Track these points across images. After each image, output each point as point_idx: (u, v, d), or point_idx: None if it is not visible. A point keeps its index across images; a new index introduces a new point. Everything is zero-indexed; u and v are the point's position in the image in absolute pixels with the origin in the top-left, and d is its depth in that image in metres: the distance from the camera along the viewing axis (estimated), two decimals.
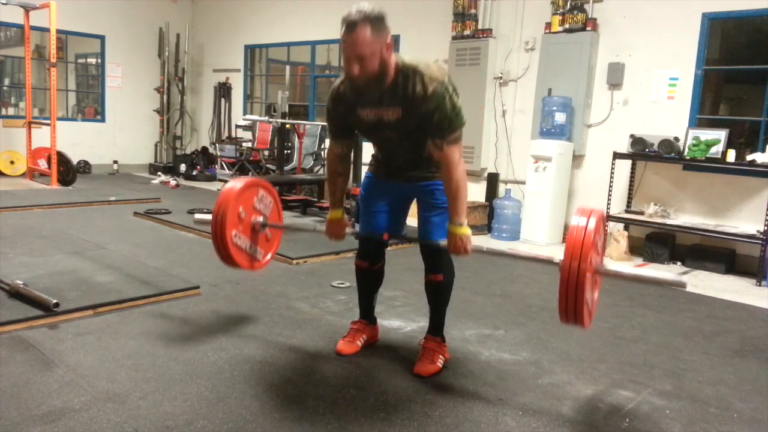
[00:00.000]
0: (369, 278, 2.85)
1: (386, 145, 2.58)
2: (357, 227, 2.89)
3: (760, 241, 4.79)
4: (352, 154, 2.69)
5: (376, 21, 2.18)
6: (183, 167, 9.61)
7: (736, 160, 4.98)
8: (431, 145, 2.36)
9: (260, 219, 2.97)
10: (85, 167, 9.54)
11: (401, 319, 3.36)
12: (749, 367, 3.01)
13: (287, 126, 7.04)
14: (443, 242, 2.46)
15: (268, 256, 3.08)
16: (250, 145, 8.88)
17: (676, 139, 5.29)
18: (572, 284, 2.13)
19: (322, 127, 7.84)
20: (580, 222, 2.20)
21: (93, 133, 9.84)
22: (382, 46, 2.20)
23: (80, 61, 10.82)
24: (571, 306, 2.16)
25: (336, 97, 2.47)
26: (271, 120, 7.06)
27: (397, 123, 2.38)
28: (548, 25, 6.11)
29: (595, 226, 2.19)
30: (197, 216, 3.15)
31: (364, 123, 2.47)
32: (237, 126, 9.34)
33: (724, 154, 5.04)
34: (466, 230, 2.39)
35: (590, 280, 2.20)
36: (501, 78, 6.61)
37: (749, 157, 4.91)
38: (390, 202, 2.71)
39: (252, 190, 2.95)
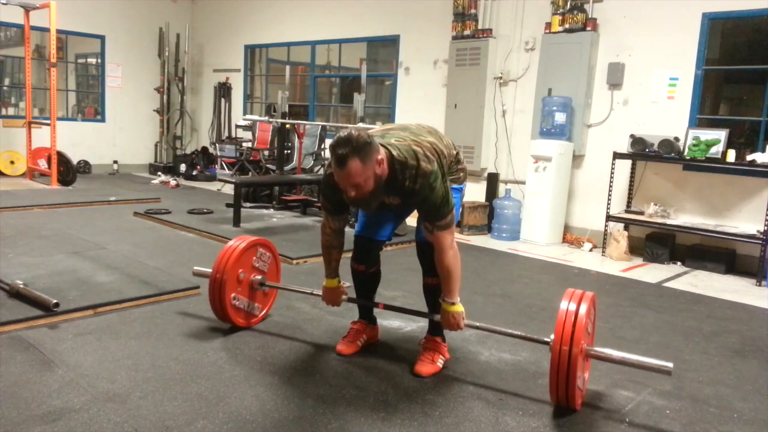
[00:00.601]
0: (366, 281, 2.88)
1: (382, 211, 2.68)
2: (355, 227, 2.89)
3: (760, 241, 4.79)
4: (345, 228, 2.73)
5: (364, 149, 2.20)
6: (183, 167, 9.61)
7: (736, 160, 4.98)
8: (423, 227, 2.47)
9: (259, 278, 3.07)
10: (85, 167, 9.54)
11: (401, 319, 3.36)
12: (749, 367, 3.01)
13: (287, 126, 7.04)
14: (437, 317, 2.58)
15: (264, 311, 3.20)
16: (250, 145, 8.88)
17: (676, 139, 5.29)
18: (563, 368, 2.20)
19: (322, 127, 7.84)
20: (570, 306, 2.27)
21: (93, 133, 9.84)
22: (373, 168, 2.25)
23: (80, 61, 10.82)
24: (563, 388, 2.25)
25: (333, 185, 2.40)
26: (271, 120, 7.06)
27: (397, 207, 2.56)
28: (548, 25, 6.11)
29: (586, 310, 2.27)
30: (196, 269, 3.18)
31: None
32: (237, 126, 9.34)
33: (724, 154, 5.04)
34: (458, 308, 2.50)
35: (581, 363, 2.27)
36: (501, 78, 6.61)
37: (749, 157, 4.91)
38: (384, 210, 2.70)
39: (251, 250, 3.04)
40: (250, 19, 9.77)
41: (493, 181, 6.68)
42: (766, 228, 4.77)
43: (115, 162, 9.96)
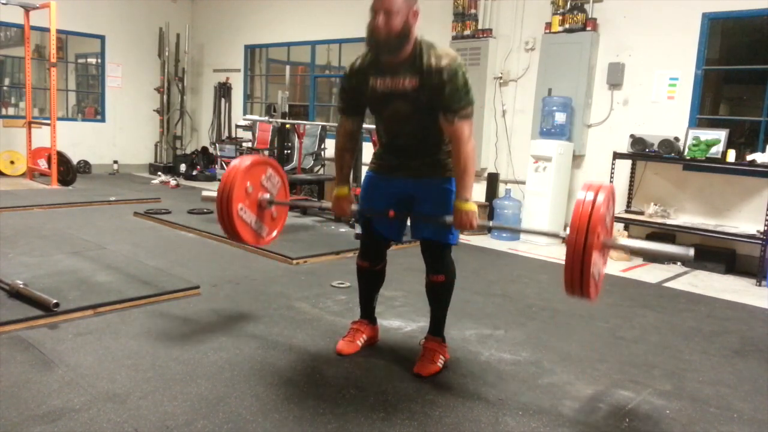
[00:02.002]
0: (370, 278, 2.86)
1: (393, 122, 2.56)
2: (358, 228, 2.88)
3: (760, 241, 4.79)
4: (360, 132, 2.74)
5: None
6: (183, 167, 9.62)
7: (736, 160, 4.98)
8: (442, 119, 2.42)
9: (267, 196, 2.97)
10: (85, 167, 9.54)
11: (401, 319, 3.36)
12: (749, 367, 3.01)
13: (287, 126, 7.04)
14: (449, 218, 2.48)
15: (274, 233, 3.08)
16: (250, 145, 8.87)
17: (676, 139, 5.29)
18: (578, 258, 2.10)
19: (322, 127, 7.84)
20: (587, 196, 2.17)
21: (93, 133, 9.84)
22: (409, 10, 2.36)
23: (80, 61, 10.82)
24: (577, 278, 2.13)
25: (352, 70, 2.55)
26: (271, 120, 7.05)
27: (411, 93, 2.43)
28: (548, 25, 6.11)
29: (604, 200, 2.16)
30: (205, 193, 3.13)
31: (376, 93, 2.51)
32: (237, 126, 9.34)
33: (724, 154, 5.04)
34: (472, 206, 2.43)
35: (598, 254, 2.17)
36: (501, 78, 6.61)
37: (749, 157, 4.91)
38: (390, 202, 2.69)
39: (261, 167, 2.95)
40: (250, 19, 9.77)
41: (493, 181, 6.68)
42: (766, 228, 4.77)
43: (115, 162, 9.96)
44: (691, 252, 2.18)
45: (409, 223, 2.71)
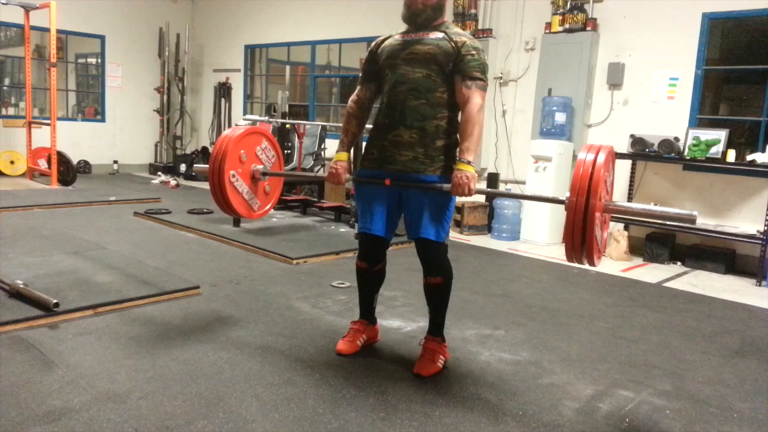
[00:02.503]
0: (369, 279, 2.85)
1: (398, 84, 2.54)
2: (359, 225, 2.88)
3: (760, 241, 4.79)
4: (371, 104, 2.77)
5: None
6: (183, 167, 9.61)
7: (736, 160, 4.98)
8: (459, 83, 2.48)
9: (261, 167, 2.94)
10: (85, 167, 9.54)
11: (401, 319, 3.36)
12: (749, 367, 3.01)
13: (287, 126, 7.04)
14: (447, 186, 2.44)
15: (267, 207, 3.06)
16: None
17: (676, 139, 5.29)
18: (579, 221, 2.05)
19: (322, 127, 7.83)
20: (588, 157, 2.11)
21: (93, 133, 9.84)
22: None
23: (80, 61, 10.82)
24: (578, 243, 2.09)
25: (379, 40, 2.68)
26: (271, 120, 7.05)
27: (435, 40, 2.51)
28: (548, 25, 6.11)
29: (604, 160, 2.10)
30: (197, 166, 3.12)
31: (398, 42, 2.58)
32: (237, 126, 9.33)
33: (724, 154, 5.04)
34: (472, 168, 2.43)
35: (599, 217, 2.13)
36: (501, 78, 6.61)
37: (749, 157, 4.91)
38: (384, 198, 2.67)
39: (256, 137, 2.93)
40: (250, 19, 9.77)
41: (493, 181, 6.68)
42: (766, 228, 4.77)
43: (115, 162, 9.96)
44: (695, 213, 2.13)
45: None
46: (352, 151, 2.82)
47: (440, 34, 2.52)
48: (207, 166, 2.86)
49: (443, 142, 2.54)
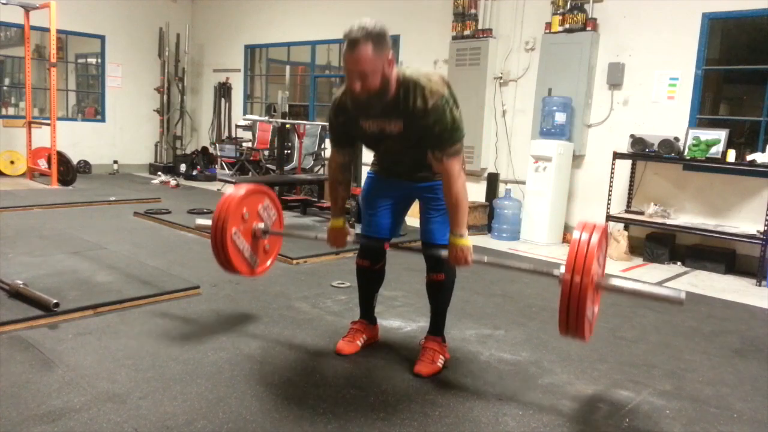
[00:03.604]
0: (370, 277, 2.85)
1: (389, 154, 2.61)
2: (358, 228, 2.88)
3: (760, 241, 4.79)
4: (352, 164, 2.71)
5: (378, 38, 2.20)
6: (183, 167, 9.61)
7: (736, 160, 4.98)
8: (431, 157, 2.39)
9: (262, 225, 2.97)
10: (85, 167, 9.54)
11: (401, 319, 3.36)
12: (749, 367, 3.01)
13: (287, 126, 7.04)
14: (444, 252, 2.48)
15: (267, 263, 3.09)
16: (250, 145, 8.88)
17: (676, 139, 5.29)
18: (574, 299, 2.11)
19: (323, 127, 7.84)
20: (582, 236, 2.17)
21: (93, 133, 9.84)
22: (383, 63, 2.23)
23: (80, 61, 10.81)
24: (573, 320, 2.15)
25: (338, 108, 2.48)
26: (271, 120, 7.06)
27: (399, 135, 2.41)
28: (548, 25, 6.11)
29: (598, 240, 2.17)
30: (199, 221, 3.13)
31: (366, 134, 2.49)
32: (237, 126, 9.33)
33: (724, 154, 5.04)
34: (466, 241, 2.40)
35: (592, 295, 2.19)
36: (501, 78, 6.61)
37: (749, 157, 4.91)
38: (393, 202, 2.72)
39: (258, 196, 2.96)
40: (250, 19, 9.77)
41: (493, 181, 6.68)
42: (766, 228, 4.77)
43: (115, 162, 9.95)
44: (683, 295, 2.20)
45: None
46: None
47: (401, 125, 2.36)
48: (209, 222, 2.90)
49: None
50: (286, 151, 7.26)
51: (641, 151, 5.41)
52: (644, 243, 5.53)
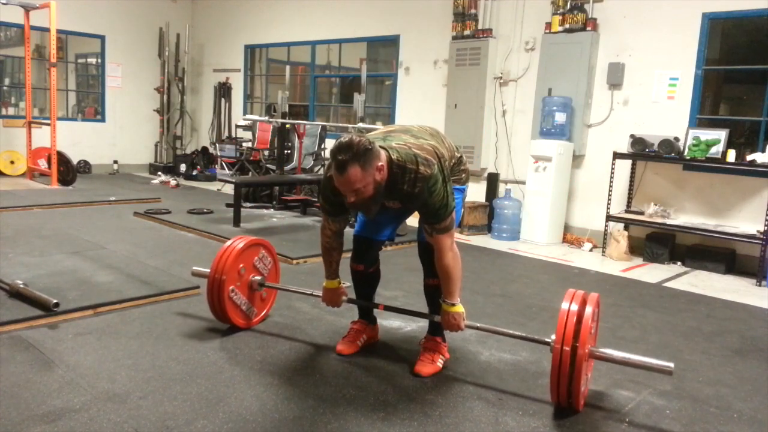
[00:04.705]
0: (365, 281, 2.88)
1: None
2: (356, 227, 2.88)
3: (760, 241, 4.79)
4: (344, 230, 2.72)
5: (365, 156, 2.20)
6: (183, 167, 9.61)
7: (736, 160, 4.98)
8: (423, 229, 2.49)
9: (258, 278, 3.04)
10: (85, 167, 9.54)
11: (401, 319, 3.36)
12: (749, 367, 3.01)
13: (287, 126, 7.04)
14: (437, 317, 2.57)
15: (263, 313, 3.17)
16: (250, 145, 8.88)
17: (676, 139, 5.29)
18: (565, 373, 2.17)
19: (322, 127, 7.84)
20: (572, 307, 2.23)
21: (93, 133, 9.84)
22: (373, 176, 2.25)
23: (80, 61, 10.81)
24: (564, 390, 2.22)
25: (333, 188, 2.39)
26: (271, 120, 7.05)
27: (398, 210, 2.57)
28: (548, 25, 6.11)
29: (591, 312, 2.23)
30: (195, 269, 3.17)
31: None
32: (237, 126, 9.33)
33: (724, 154, 5.04)
34: (459, 309, 2.49)
35: (585, 365, 2.24)
36: (501, 78, 6.61)
37: (749, 157, 4.91)
38: (387, 216, 2.71)
39: (254, 249, 3.03)
40: (250, 19, 9.77)
41: (493, 181, 6.68)
42: (766, 228, 4.77)
43: (115, 162, 9.95)
44: (671, 365, 2.24)
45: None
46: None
47: (399, 204, 2.46)
48: (207, 270, 2.94)
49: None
50: (286, 151, 7.26)
51: (641, 151, 5.41)
52: (644, 243, 5.53)
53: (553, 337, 2.23)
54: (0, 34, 9.82)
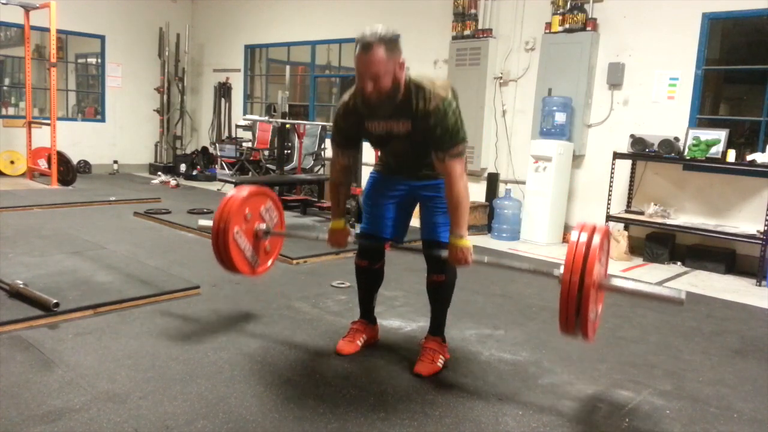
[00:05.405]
0: (369, 277, 2.86)
1: (395, 155, 2.64)
2: (358, 228, 2.89)
3: (760, 241, 4.79)
4: (355, 166, 2.74)
5: (391, 43, 2.27)
6: (183, 167, 9.61)
7: (736, 160, 4.98)
8: (434, 157, 2.44)
9: (263, 226, 2.99)
10: (85, 167, 9.54)
11: (401, 319, 3.36)
12: (749, 367, 3.01)
13: (287, 126, 7.04)
14: (444, 253, 2.50)
15: (267, 264, 3.11)
16: (250, 145, 8.88)
17: (676, 139, 5.29)
18: (573, 299, 2.11)
19: (323, 127, 7.84)
20: (581, 237, 2.17)
21: (93, 133, 9.84)
22: (395, 66, 2.30)
23: (80, 61, 10.82)
24: (572, 321, 2.15)
25: (346, 111, 2.54)
26: (271, 120, 7.06)
27: (406, 135, 2.48)
28: (548, 25, 6.11)
29: (600, 241, 2.16)
30: (201, 222, 3.15)
31: (373, 135, 2.55)
32: (237, 126, 9.34)
33: (724, 154, 5.04)
34: (466, 242, 2.44)
35: (594, 295, 2.17)
36: (501, 78, 6.61)
37: (749, 157, 4.91)
38: (394, 202, 2.73)
39: (261, 197, 2.99)
40: (250, 19, 9.77)
41: (493, 181, 6.68)
42: (766, 228, 4.77)
43: (115, 162, 9.95)
44: (683, 295, 2.20)
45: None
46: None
47: (409, 125, 2.43)
48: (211, 223, 2.90)
49: None
50: (286, 151, 7.26)
51: (641, 151, 5.41)
52: (644, 243, 5.53)
53: (562, 269, 2.17)
54: (0, 34, 9.82)
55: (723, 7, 5.23)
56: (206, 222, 3.07)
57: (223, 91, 9.69)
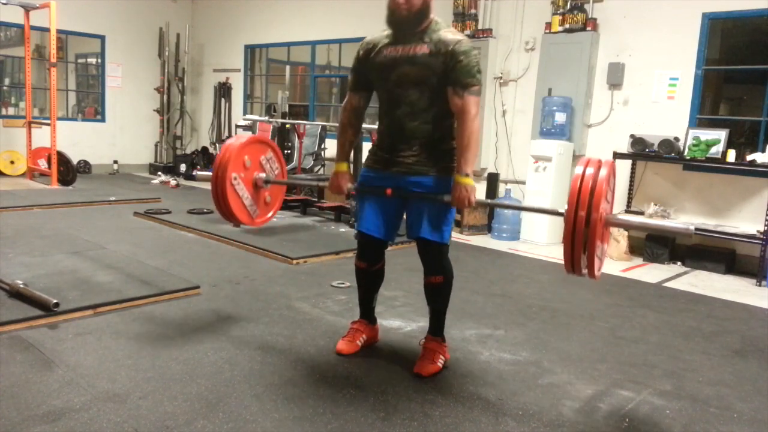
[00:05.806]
0: (369, 278, 2.85)
1: (398, 86, 2.55)
2: (359, 224, 2.87)
3: (760, 241, 4.79)
4: (365, 110, 2.78)
5: None
6: (183, 167, 9.62)
7: (736, 160, 4.98)
8: (451, 93, 2.47)
9: (263, 175, 2.96)
10: (85, 167, 9.54)
11: (401, 319, 3.36)
12: (749, 367, 3.01)
13: (287, 126, 7.04)
14: (447, 197, 2.49)
15: (267, 215, 3.08)
16: None
17: (676, 139, 5.29)
18: (579, 235, 2.04)
19: (322, 127, 7.84)
20: (587, 170, 2.09)
21: (93, 133, 9.84)
22: None
23: (80, 61, 10.82)
24: (578, 258, 2.08)
25: (366, 43, 2.65)
26: (271, 120, 7.06)
27: (421, 57, 2.48)
28: (548, 25, 6.11)
29: (606, 175, 2.10)
30: (199, 172, 3.14)
31: (385, 60, 2.56)
32: (237, 126, 9.31)
33: (724, 154, 5.04)
34: (470, 181, 2.45)
35: (600, 230, 2.10)
36: (501, 78, 6.61)
37: (749, 157, 4.91)
38: (384, 201, 2.68)
39: (262, 146, 2.96)
40: (250, 19, 9.77)
41: (493, 181, 6.68)
42: (766, 228, 4.77)
43: (115, 162, 9.95)
44: (692, 228, 2.16)
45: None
46: (352, 153, 2.84)
47: (427, 49, 2.47)
48: (210, 173, 2.88)
49: (445, 146, 2.59)
50: (286, 151, 7.26)
51: (641, 151, 5.42)
52: (644, 243, 5.52)
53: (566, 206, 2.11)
54: (0, 34, 9.82)
55: (723, 7, 5.23)
56: (205, 173, 3.05)
57: (223, 91, 9.68)
